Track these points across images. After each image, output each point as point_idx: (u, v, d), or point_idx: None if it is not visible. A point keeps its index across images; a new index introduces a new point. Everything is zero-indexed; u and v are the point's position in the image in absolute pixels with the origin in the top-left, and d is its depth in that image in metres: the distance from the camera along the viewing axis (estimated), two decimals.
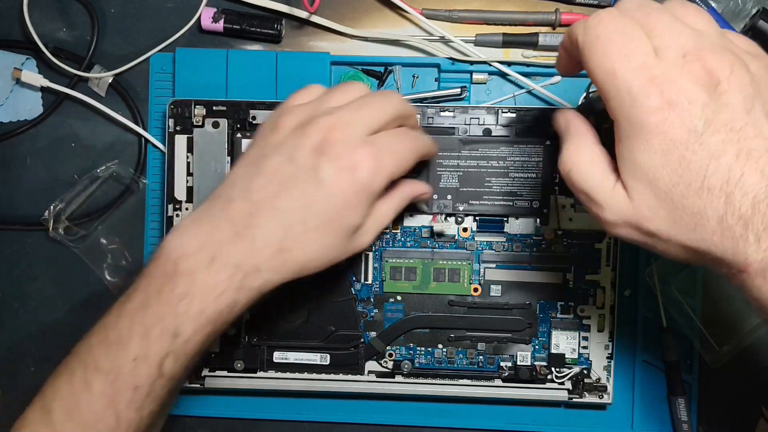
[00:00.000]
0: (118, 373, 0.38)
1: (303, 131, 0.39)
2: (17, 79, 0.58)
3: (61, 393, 0.39)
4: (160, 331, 0.37)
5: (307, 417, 0.57)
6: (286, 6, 0.57)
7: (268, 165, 0.39)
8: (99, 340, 0.39)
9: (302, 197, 0.38)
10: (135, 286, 0.39)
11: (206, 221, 0.39)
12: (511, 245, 0.54)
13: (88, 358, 0.39)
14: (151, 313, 0.38)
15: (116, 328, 0.38)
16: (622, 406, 0.56)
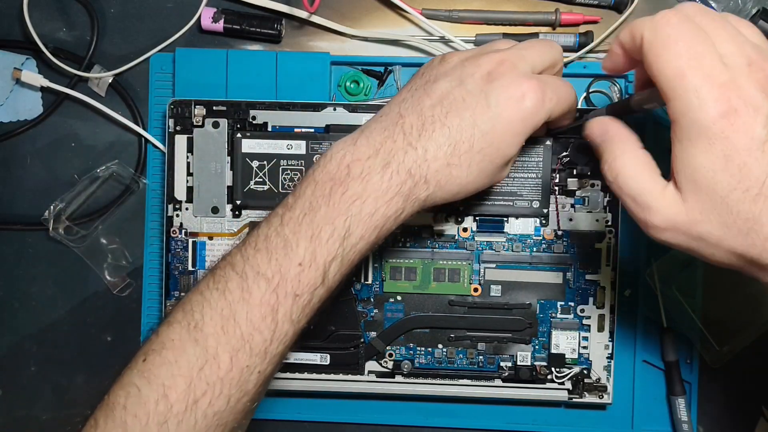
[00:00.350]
0: (282, 278, 0.37)
1: (474, 61, 0.41)
2: (17, 79, 0.58)
3: (213, 303, 0.37)
4: (330, 232, 0.37)
5: (307, 417, 0.57)
6: (286, 6, 0.57)
7: (438, 88, 0.40)
8: (259, 248, 0.38)
9: (471, 118, 0.39)
10: (296, 196, 0.39)
11: (378, 132, 0.39)
12: (511, 245, 0.54)
13: (247, 266, 0.38)
14: (321, 215, 0.37)
15: (280, 234, 0.38)
16: (622, 406, 0.56)
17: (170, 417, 0.36)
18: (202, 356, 0.36)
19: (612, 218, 0.53)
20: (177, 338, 0.37)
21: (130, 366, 0.38)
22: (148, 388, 0.36)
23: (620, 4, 0.57)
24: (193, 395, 0.36)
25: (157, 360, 0.37)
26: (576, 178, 0.53)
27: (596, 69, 0.56)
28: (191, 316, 0.37)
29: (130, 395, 0.36)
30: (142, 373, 0.37)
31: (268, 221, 0.39)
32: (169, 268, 0.54)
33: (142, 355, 0.38)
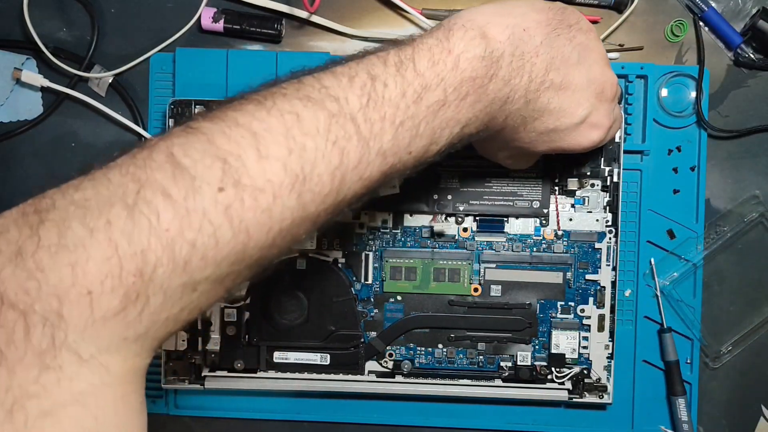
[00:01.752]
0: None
1: (604, 66, 0.41)
2: (17, 79, 0.58)
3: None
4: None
5: (307, 417, 0.57)
6: (286, 6, 0.57)
7: (571, 55, 0.39)
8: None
9: (565, 110, 0.39)
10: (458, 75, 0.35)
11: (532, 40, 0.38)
12: (511, 245, 0.54)
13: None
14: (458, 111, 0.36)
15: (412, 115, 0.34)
16: (622, 406, 0.56)
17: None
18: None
19: (612, 218, 0.53)
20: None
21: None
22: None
23: (620, 4, 0.57)
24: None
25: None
26: (576, 178, 0.53)
27: None
28: (300, 168, 0.31)
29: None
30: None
31: (401, 86, 0.34)
32: None
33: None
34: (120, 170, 0.29)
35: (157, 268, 0.28)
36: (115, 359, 0.28)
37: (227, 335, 0.54)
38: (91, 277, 0.27)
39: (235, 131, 0.30)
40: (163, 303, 0.28)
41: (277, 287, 0.54)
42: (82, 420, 0.27)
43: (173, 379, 0.55)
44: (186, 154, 0.29)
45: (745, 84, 0.57)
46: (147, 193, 0.28)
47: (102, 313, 0.27)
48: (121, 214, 0.27)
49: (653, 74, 0.56)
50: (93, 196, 0.28)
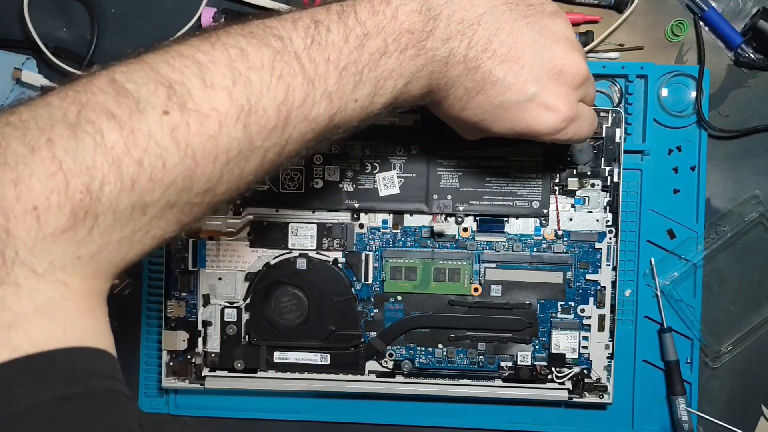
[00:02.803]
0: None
1: (569, 50, 0.40)
2: (17, 79, 0.58)
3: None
4: (392, 85, 0.36)
5: (307, 417, 0.57)
6: (286, 6, 0.57)
7: (524, 33, 0.39)
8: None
9: (509, 84, 0.38)
10: (375, 21, 0.36)
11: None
12: (512, 245, 0.54)
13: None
14: (389, 66, 0.36)
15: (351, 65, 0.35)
16: (622, 406, 0.56)
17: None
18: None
19: (612, 218, 0.53)
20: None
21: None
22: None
23: (620, 4, 0.57)
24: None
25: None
26: (576, 178, 0.53)
27: (597, 69, 0.56)
28: (245, 99, 0.32)
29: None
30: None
31: (344, 32, 0.35)
32: (169, 268, 0.54)
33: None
34: (58, 95, 0.29)
35: (105, 186, 0.28)
36: (72, 277, 0.28)
37: (227, 335, 0.54)
38: (36, 193, 0.26)
39: (179, 61, 0.31)
40: (113, 223, 0.28)
41: (277, 287, 0.54)
42: (50, 330, 0.27)
43: (173, 379, 0.55)
44: (129, 80, 0.30)
45: (745, 84, 0.57)
46: (89, 113, 0.28)
47: (51, 230, 0.27)
48: (63, 133, 0.27)
49: (653, 74, 0.56)
50: (31, 118, 0.28)
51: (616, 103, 0.56)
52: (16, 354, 0.25)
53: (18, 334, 0.26)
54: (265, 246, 0.54)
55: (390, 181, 0.53)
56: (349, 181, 0.53)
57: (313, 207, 0.54)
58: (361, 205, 0.53)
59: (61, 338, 0.27)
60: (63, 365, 0.27)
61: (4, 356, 0.25)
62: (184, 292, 0.55)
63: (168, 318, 0.55)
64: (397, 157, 0.53)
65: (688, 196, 0.56)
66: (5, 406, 0.24)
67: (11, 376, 0.25)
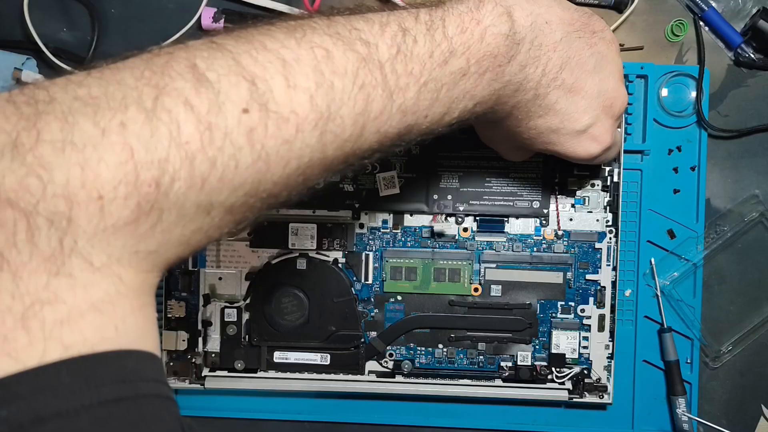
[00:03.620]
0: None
1: (618, 82, 0.42)
2: (18, 80, 0.58)
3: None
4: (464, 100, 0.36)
5: (307, 417, 0.57)
6: (287, 6, 0.57)
7: (588, 61, 0.40)
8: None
9: (569, 114, 0.40)
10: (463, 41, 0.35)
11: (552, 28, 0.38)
12: (512, 245, 0.54)
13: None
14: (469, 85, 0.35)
15: (429, 85, 0.34)
16: (622, 406, 0.56)
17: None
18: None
19: (612, 218, 0.53)
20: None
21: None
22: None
23: (620, 4, 0.57)
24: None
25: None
26: (576, 178, 0.53)
27: None
28: (326, 106, 0.30)
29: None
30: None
31: (430, 46, 0.33)
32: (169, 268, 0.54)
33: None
34: (133, 72, 0.27)
35: (175, 182, 0.26)
36: (128, 271, 0.26)
37: (227, 335, 0.54)
38: (103, 181, 0.24)
39: (263, 54, 0.29)
40: (176, 220, 0.27)
41: (278, 287, 0.54)
42: (103, 328, 0.25)
43: (173, 379, 0.55)
44: (210, 68, 0.28)
45: (745, 84, 0.57)
46: (166, 100, 0.26)
47: (113, 221, 0.25)
48: (138, 118, 0.25)
49: (653, 74, 0.56)
50: (102, 95, 0.26)
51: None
52: (68, 354, 0.24)
53: (71, 331, 0.24)
54: (265, 246, 0.54)
55: (390, 181, 0.53)
56: (349, 181, 0.53)
57: (313, 207, 0.54)
58: (361, 205, 0.53)
59: (112, 339, 0.25)
60: (113, 367, 0.25)
61: (56, 355, 0.24)
62: (184, 292, 0.55)
63: (168, 318, 0.55)
64: (397, 157, 0.53)
65: (688, 196, 0.56)
66: (54, 404, 0.23)
67: (62, 376, 0.24)
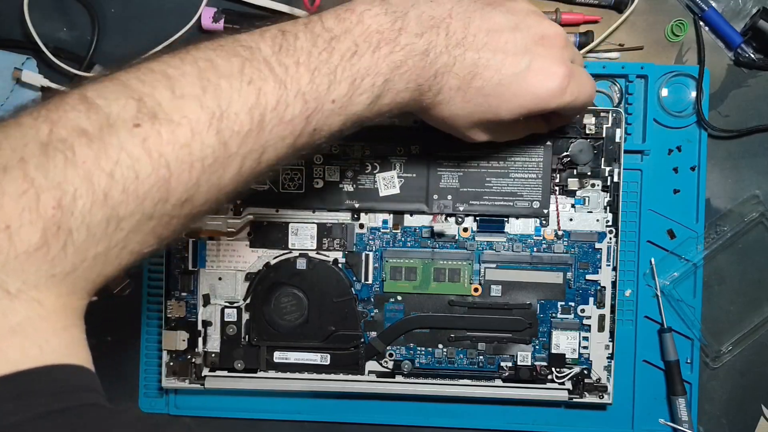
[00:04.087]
0: (318, 106, 0.34)
1: (538, 18, 0.42)
2: (17, 79, 0.58)
3: (244, 96, 0.32)
4: (370, 83, 0.36)
5: (307, 417, 0.57)
6: (287, 6, 0.57)
7: (493, 17, 0.40)
8: (301, 63, 0.34)
9: (500, 63, 0.39)
10: (341, 26, 0.36)
11: (428, 15, 0.38)
12: (512, 245, 0.54)
13: (289, 77, 0.34)
14: (364, 64, 0.36)
15: (322, 70, 0.35)
16: (622, 406, 0.56)
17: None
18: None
19: (612, 218, 0.53)
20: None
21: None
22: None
23: (620, 4, 0.57)
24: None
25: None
26: (576, 178, 0.53)
27: (597, 69, 0.56)
28: (216, 105, 0.32)
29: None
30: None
31: (311, 38, 0.35)
32: (169, 268, 0.54)
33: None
34: (31, 114, 0.29)
35: (77, 200, 0.27)
36: (47, 295, 0.28)
37: (227, 335, 0.54)
38: (8, 211, 0.26)
39: (150, 76, 0.31)
40: (87, 238, 0.28)
41: (278, 287, 0.54)
42: (27, 349, 0.27)
43: (173, 379, 0.55)
44: (100, 96, 0.30)
45: (745, 84, 0.57)
46: (61, 131, 0.28)
47: (24, 248, 0.27)
48: (35, 152, 0.27)
49: (653, 74, 0.56)
50: (3, 139, 0.28)
51: (616, 103, 0.56)
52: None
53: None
54: (265, 246, 0.54)
55: (390, 181, 0.53)
56: (349, 181, 0.53)
57: (313, 207, 0.54)
58: (361, 205, 0.53)
59: (36, 357, 0.27)
60: (44, 381, 0.26)
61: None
62: (184, 292, 0.55)
63: (168, 318, 0.55)
64: (397, 157, 0.53)
65: (688, 196, 0.56)
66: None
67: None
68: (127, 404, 0.58)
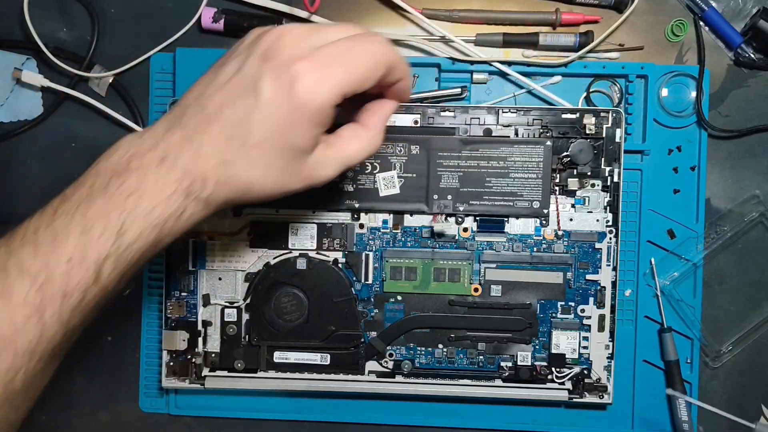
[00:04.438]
0: (48, 276, 0.34)
1: (257, 39, 0.37)
2: (17, 79, 0.58)
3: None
4: (103, 227, 0.35)
5: (307, 417, 0.57)
6: (287, 6, 0.57)
7: (222, 73, 0.37)
8: (25, 242, 0.35)
9: (243, 109, 0.36)
10: (75, 186, 0.36)
11: (162, 125, 0.37)
12: (512, 245, 0.54)
13: (10, 261, 0.34)
14: (96, 208, 0.35)
15: (50, 227, 0.35)
16: (622, 406, 0.56)
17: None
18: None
19: (612, 218, 0.53)
20: None
21: None
22: None
23: (620, 4, 0.57)
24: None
25: None
26: (576, 178, 0.53)
27: (597, 69, 0.56)
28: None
29: None
30: None
31: (41, 212, 0.36)
32: (169, 268, 0.54)
33: None
34: None
35: None
36: None
37: (227, 335, 0.54)
38: None
39: None
40: None
41: (278, 287, 0.54)
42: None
43: (173, 379, 0.55)
44: None
45: (745, 84, 0.57)
46: None
47: None
48: None
49: (653, 74, 0.56)
50: None
51: (616, 103, 0.56)
52: None
53: None
54: (265, 246, 0.54)
55: (390, 181, 0.53)
56: (349, 181, 0.53)
57: (313, 207, 0.54)
58: (361, 205, 0.53)
59: None
60: None
61: None
62: (184, 292, 0.55)
63: (168, 318, 0.55)
64: (397, 157, 0.53)
65: (688, 196, 0.56)
66: None
67: None
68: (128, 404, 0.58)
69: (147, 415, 0.58)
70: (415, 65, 0.57)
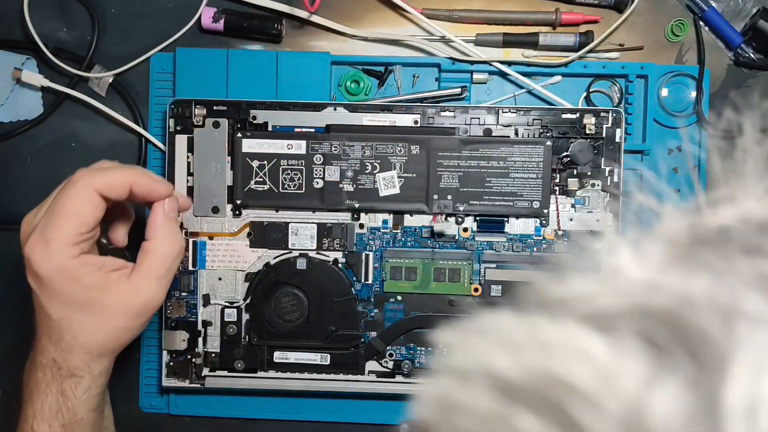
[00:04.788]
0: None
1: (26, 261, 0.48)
2: (17, 79, 0.58)
3: None
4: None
5: (307, 417, 0.57)
6: (287, 6, 0.57)
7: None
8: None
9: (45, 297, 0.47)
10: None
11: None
12: (512, 245, 0.54)
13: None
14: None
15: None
16: None
17: None
18: None
19: (612, 218, 0.53)
20: None
21: None
22: None
23: (620, 4, 0.57)
24: None
25: None
26: (576, 178, 0.53)
27: (596, 69, 0.56)
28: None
29: None
30: None
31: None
32: None
33: None
34: None
35: None
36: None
37: (227, 335, 0.54)
38: None
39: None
40: None
41: (278, 287, 0.54)
42: None
43: (173, 379, 0.55)
44: None
45: (745, 84, 0.57)
46: None
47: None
48: None
49: (653, 74, 0.56)
50: None
51: (616, 103, 0.56)
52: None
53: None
54: (265, 246, 0.54)
55: (390, 181, 0.53)
56: (349, 181, 0.53)
57: (313, 207, 0.54)
58: (361, 205, 0.53)
59: None
60: None
61: None
62: (184, 292, 0.55)
63: (168, 318, 0.55)
64: (397, 157, 0.53)
65: (688, 196, 0.56)
66: None
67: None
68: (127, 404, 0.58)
69: (147, 415, 0.58)
70: (415, 65, 0.57)
